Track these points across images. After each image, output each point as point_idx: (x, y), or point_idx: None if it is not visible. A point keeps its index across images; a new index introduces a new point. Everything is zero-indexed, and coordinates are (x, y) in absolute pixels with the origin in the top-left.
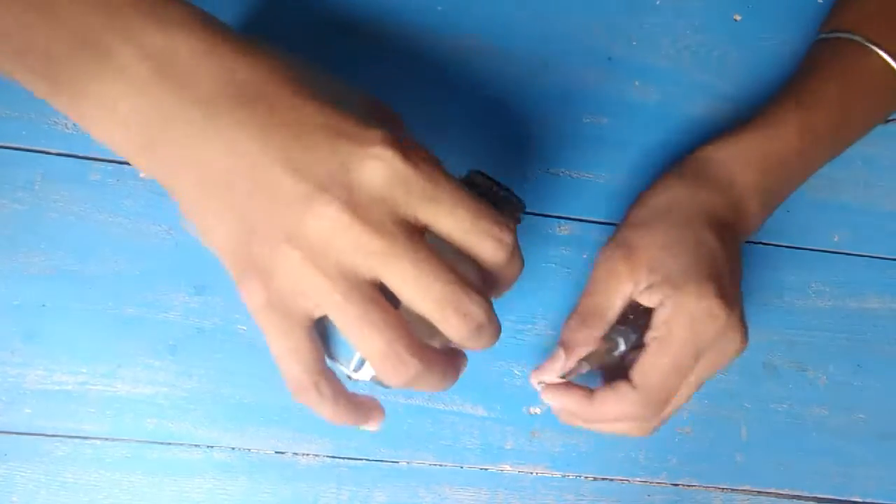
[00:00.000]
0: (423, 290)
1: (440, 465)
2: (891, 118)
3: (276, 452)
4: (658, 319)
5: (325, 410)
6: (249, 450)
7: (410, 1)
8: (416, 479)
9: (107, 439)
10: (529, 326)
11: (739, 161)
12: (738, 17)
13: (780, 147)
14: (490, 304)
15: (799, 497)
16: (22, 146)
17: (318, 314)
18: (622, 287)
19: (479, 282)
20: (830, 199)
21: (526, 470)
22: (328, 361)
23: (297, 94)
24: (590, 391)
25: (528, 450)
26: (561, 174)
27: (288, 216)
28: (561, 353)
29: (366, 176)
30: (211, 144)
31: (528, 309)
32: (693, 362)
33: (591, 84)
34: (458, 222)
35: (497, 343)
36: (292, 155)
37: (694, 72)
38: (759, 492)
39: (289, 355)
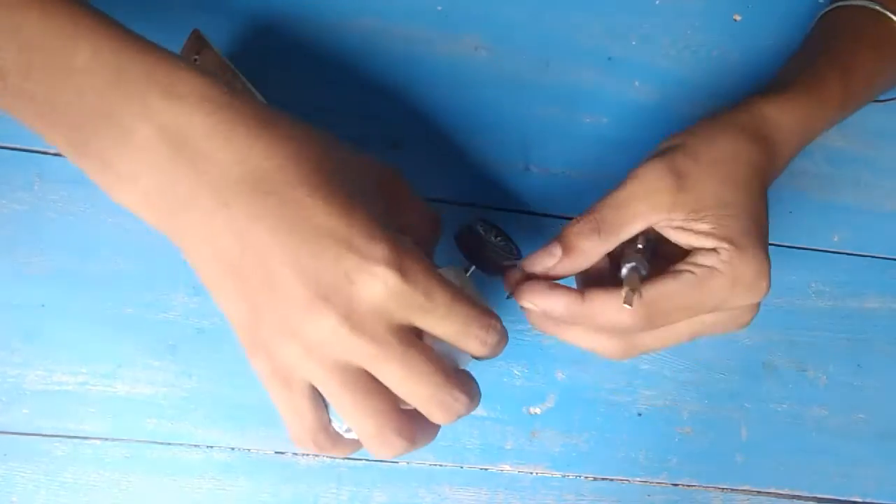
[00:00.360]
0: (410, 389)
1: (440, 465)
2: (888, 97)
3: (276, 452)
4: (704, 259)
5: (326, 454)
6: (249, 450)
7: (410, 1)
8: (416, 479)
9: (107, 439)
10: (529, 327)
11: (787, 120)
12: (738, 17)
13: (824, 111)
14: (469, 396)
15: (799, 497)
16: (22, 146)
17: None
18: (655, 214)
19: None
20: (830, 199)
21: (526, 470)
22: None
23: (309, 193)
24: (580, 291)
25: (528, 450)
26: (561, 174)
27: (291, 316)
28: (558, 250)
29: (366, 292)
30: (223, 231)
31: None
32: (707, 313)
33: (591, 84)
34: (448, 328)
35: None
36: (300, 259)
37: (694, 72)
38: (759, 492)
39: (290, 415)
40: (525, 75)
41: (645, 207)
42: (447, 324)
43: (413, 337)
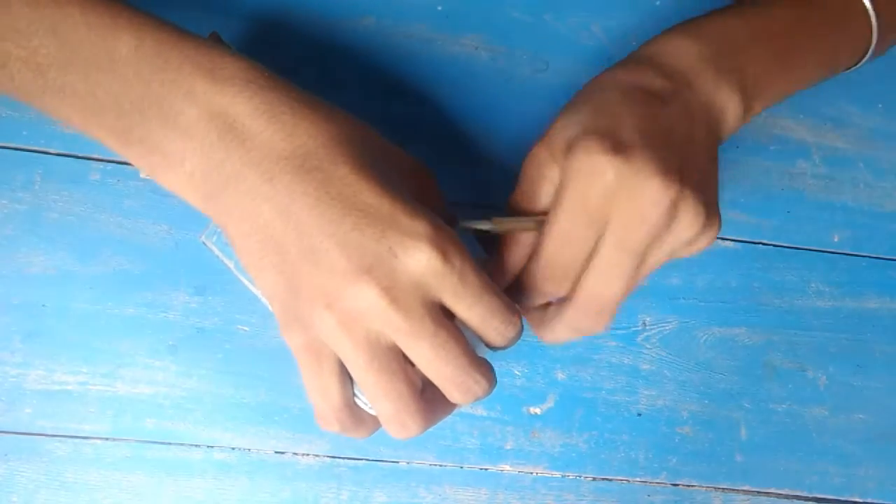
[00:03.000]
0: (436, 368)
1: (440, 465)
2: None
3: (276, 452)
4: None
5: (348, 434)
6: (249, 450)
7: (410, 1)
8: (416, 479)
9: (107, 439)
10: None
11: (666, 39)
12: None
13: (728, 28)
14: (488, 381)
15: (799, 497)
16: (22, 146)
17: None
18: (545, 171)
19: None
20: (830, 199)
21: (526, 470)
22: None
23: (353, 171)
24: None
25: (528, 450)
26: None
27: (330, 286)
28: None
29: (410, 266)
30: (267, 206)
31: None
32: (590, 226)
33: None
34: (474, 315)
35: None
36: (341, 230)
37: None
38: (758, 492)
39: (318, 392)
40: (525, 75)
41: (534, 170)
42: (474, 310)
43: (444, 317)
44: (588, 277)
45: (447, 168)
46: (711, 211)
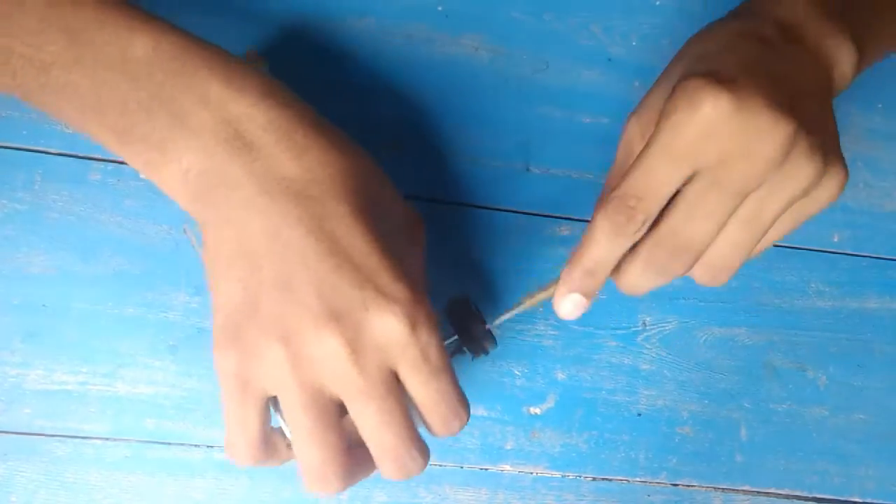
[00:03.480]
0: (378, 435)
1: (440, 466)
2: None
3: None
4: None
5: (253, 465)
6: None
7: (410, 1)
8: (416, 479)
9: (107, 439)
10: (529, 326)
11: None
12: None
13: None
14: (424, 461)
15: (799, 497)
16: (22, 146)
17: (273, 394)
18: (637, 148)
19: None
20: None
21: (526, 470)
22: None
23: (352, 212)
24: None
25: (528, 450)
26: (561, 174)
27: (293, 321)
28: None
29: (377, 325)
30: (257, 220)
31: (527, 309)
32: (679, 160)
33: (591, 84)
34: (425, 394)
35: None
36: (323, 268)
37: None
38: (758, 492)
39: (236, 422)
40: (525, 75)
41: (627, 148)
42: (426, 389)
43: (396, 385)
44: (673, 210)
45: (446, 168)
46: (832, 157)
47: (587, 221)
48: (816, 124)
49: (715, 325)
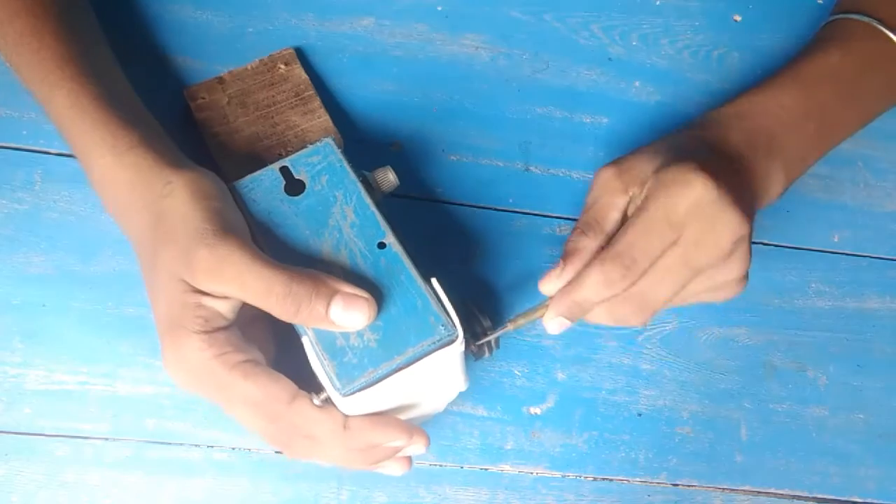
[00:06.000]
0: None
1: (440, 465)
2: None
3: (277, 452)
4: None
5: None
6: (249, 450)
7: (410, 1)
8: (416, 479)
9: (107, 439)
10: (529, 327)
11: (736, 120)
12: (738, 18)
13: (777, 111)
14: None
15: (799, 497)
16: (22, 146)
17: None
18: (617, 199)
19: None
20: (830, 199)
21: (526, 470)
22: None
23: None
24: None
25: (528, 450)
26: (561, 174)
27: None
28: (561, 263)
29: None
30: (132, 233)
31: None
32: (668, 229)
33: (591, 84)
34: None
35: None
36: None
37: (694, 72)
38: (758, 492)
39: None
40: (525, 75)
41: (605, 201)
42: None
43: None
44: (647, 276)
45: (446, 168)
46: (748, 267)
47: None
48: (752, 234)
49: (715, 325)
